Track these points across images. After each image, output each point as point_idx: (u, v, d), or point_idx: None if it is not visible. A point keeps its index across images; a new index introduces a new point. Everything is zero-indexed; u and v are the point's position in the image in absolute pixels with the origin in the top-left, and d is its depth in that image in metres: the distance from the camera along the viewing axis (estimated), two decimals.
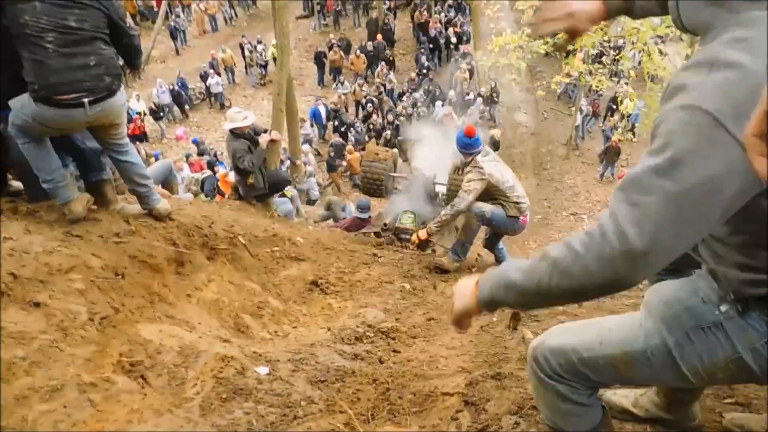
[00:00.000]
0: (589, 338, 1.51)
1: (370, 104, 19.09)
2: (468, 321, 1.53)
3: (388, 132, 17.65)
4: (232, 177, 7.69)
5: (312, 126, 18.96)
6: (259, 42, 22.36)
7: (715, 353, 1.34)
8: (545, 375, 1.53)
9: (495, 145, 17.28)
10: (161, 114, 19.48)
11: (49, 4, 3.02)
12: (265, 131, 6.77)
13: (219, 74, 21.32)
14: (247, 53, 22.17)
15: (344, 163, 16.81)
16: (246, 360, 3.04)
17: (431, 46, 22.07)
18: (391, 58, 22.05)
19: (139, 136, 17.83)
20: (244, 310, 3.88)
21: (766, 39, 1.04)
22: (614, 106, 17.53)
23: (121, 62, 3.55)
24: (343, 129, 18.65)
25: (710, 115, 1.02)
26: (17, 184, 3.86)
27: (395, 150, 9.28)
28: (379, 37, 22.24)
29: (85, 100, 3.18)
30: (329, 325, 3.99)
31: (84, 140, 3.74)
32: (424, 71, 20.71)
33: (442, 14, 23.86)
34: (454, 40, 22.30)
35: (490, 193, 5.20)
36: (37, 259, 2.78)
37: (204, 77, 20.90)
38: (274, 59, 21.00)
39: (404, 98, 19.25)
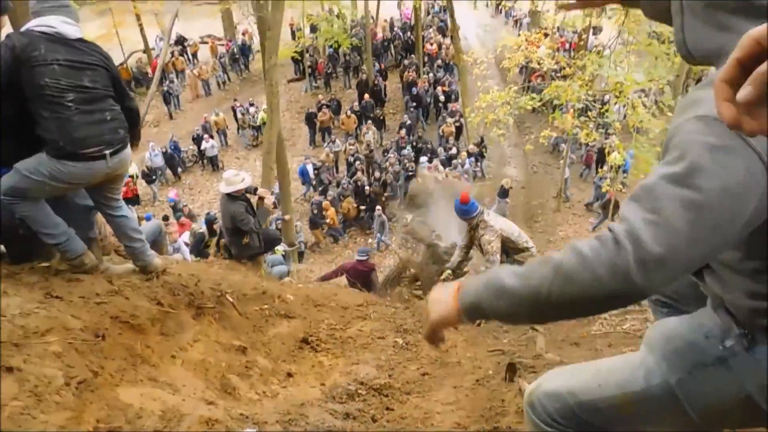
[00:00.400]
0: (587, 380, 1.43)
1: (357, 162, 19.28)
2: (443, 334, 1.36)
3: (367, 188, 17.85)
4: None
5: (303, 184, 19.09)
6: (252, 104, 22.73)
7: (721, 392, 1.26)
8: (542, 421, 1.45)
9: (505, 193, 17.55)
10: (153, 177, 19.57)
11: (66, 66, 3.23)
12: (255, 189, 6.77)
13: (212, 137, 21.54)
14: (239, 115, 22.49)
15: (327, 221, 16.88)
16: (232, 422, 2.91)
17: (414, 104, 22.45)
18: (381, 118, 22.41)
19: (132, 199, 17.84)
20: (231, 371, 3.75)
21: None
22: (604, 158, 17.76)
23: None
24: (321, 188, 18.82)
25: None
26: None
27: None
28: (367, 96, 22.64)
29: (107, 152, 3.36)
30: (320, 383, 3.86)
31: (74, 198, 3.74)
32: (406, 128, 21.03)
33: (431, 74, 24.39)
34: (442, 98, 22.73)
35: (503, 244, 5.69)
36: (12, 321, 2.68)
37: (197, 140, 21.12)
38: (264, 123, 21.43)
39: (390, 154, 19.44)
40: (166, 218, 13.36)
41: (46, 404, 2.39)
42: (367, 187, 17.76)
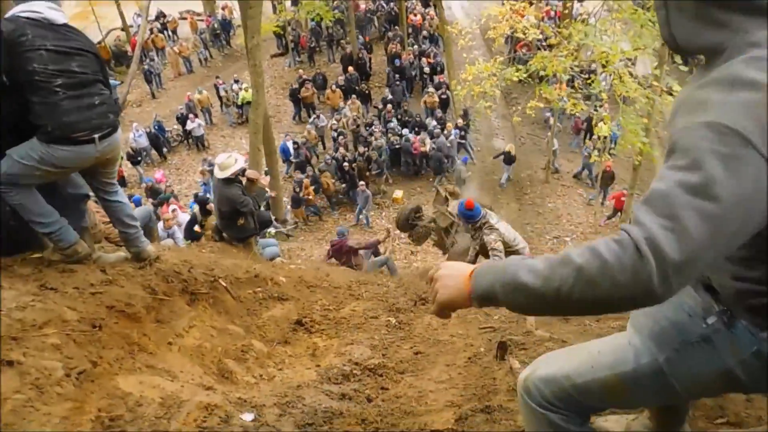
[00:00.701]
0: (580, 364, 1.50)
1: (341, 137, 19.20)
2: (451, 311, 1.39)
3: (346, 164, 17.74)
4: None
5: (284, 162, 18.97)
6: (237, 81, 22.46)
7: (705, 367, 1.35)
8: (538, 405, 1.52)
9: (510, 158, 17.99)
10: (139, 158, 19.37)
11: (54, 52, 3.24)
12: (244, 170, 6.77)
13: (197, 116, 21.31)
14: (222, 93, 22.24)
15: (309, 197, 16.97)
16: (230, 407, 2.95)
17: (397, 76, 22.25)
18: (367, 92, 22.24)
19: (118, 181, 17.64)
20: (227, 355, 3.80)
21: None
22: (592, 128, 17.83)
23: None
24: (299, 165, 18.68)
25: (738, 134, 1.02)
26: None
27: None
28: (351, 69, 22.46)
29: (96, 135, 3.38)
30: (315, 364, 3.92)
31: (64, 187, 3.75)
32: (392, 102, 20.92)
33: (415, 46, 24.19)
34: (427, 70, 22.59)
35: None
36: (9, 315, 2.71)
37: (181, 119, 20.86)
38: (248, 102, 21.23)
39: (374, 128, 19.35)
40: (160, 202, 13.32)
41: (48, 396, 2.43)
42: (345, 163, 17.62)
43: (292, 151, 19.10)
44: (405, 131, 18.96)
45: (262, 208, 7.38)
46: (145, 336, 3.38)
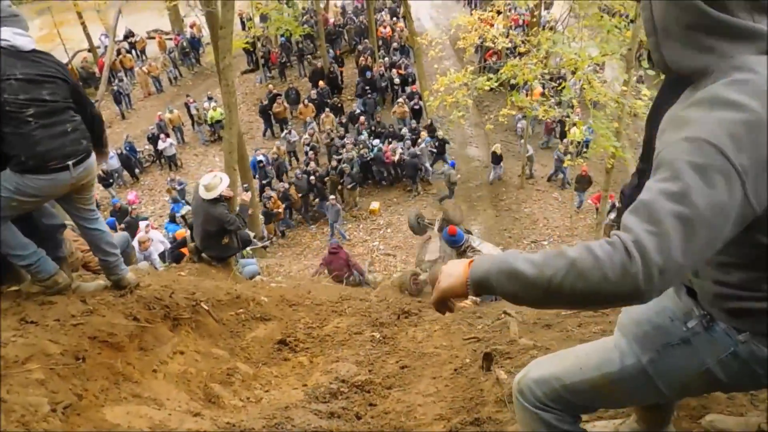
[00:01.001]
0: (569, 365, 1.60)
1: (311, 152, 19.19)
2: (449, 304, 1.47)
3: (312, 177, 17.67)
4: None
5: (254, 178, 18.83)
6: (210, 98, 22.34)
7: (686, 367, 1.45)
8: (531, 405, 1.61)
9: (498, 159, 18.52)
10: (111, 180, 19.13)
11: (24, 81, 3.18)
12: None
13: (168, 135, 21.13)
14: (194, 111, 22.10)
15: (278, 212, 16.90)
16: None
17: (367, 87, 22.35)
18: (339, 105, 22.30)
19: None
20: (213, 379, 3.78)
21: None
22: (562, 129, 18.08)
23: None
24: (264, 182, 18.54)
25: (713, 146, 1.12)
26: None
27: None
28: (322, 83, 22.52)
29: (69, 162, 3.34)
30: (302, 384, 3.91)
31: (40, 218, 3.70)
32: (359, 114, 21.09)
33: (386, 58, 24.34)
34: (397, 81, 22.76)
35: None
36: None
37: (153, 139, 20.67)
38: (217, 121, 21.13)
39: (346, 140, 19.34)
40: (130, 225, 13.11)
41: None
42: (312, 177, 17.52)
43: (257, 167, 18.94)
44: (376, 141, 19.06)
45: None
46: (129, 365, 3.35)
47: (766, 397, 2.37)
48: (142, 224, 12.10)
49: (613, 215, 13.00)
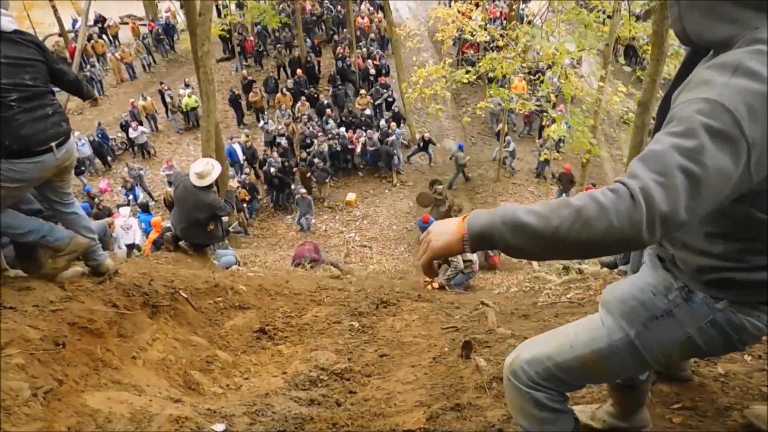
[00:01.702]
0: (560, 344, 1.67)
1: (285, 140, 19.10)
2: (435, 267, 1.45)
3: (273, 169, 17.56)
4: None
5: (231, 165, 18.71)
6: (187, 86, 22.06)
7: (670, 337, 1.54)
8: (525, 385, 1.67)
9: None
10: (82, 168, 18.77)
11: (7, 65, 3.17)
12: None
13: (141, 123, 20.82)
14: (168, 99, 21.81)
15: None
16: (201, 419, 2.95)
17: (338, 77, 22.44)
18: (316, 95, 22.20)
19: None
20: (192, 367, 3.78)
21: None
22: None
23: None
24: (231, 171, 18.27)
25: (730, 114, 1.15)
26: None
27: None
28: (299, 72, 22.43)
29: (53, 144, 3.35)
30: (281, 372, 3.93)
31: (19, 205, 3.66)
32: (325, 104, 21.13)
33: (363, 49, 24.28)
34: (373, 71, 22.81)
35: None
36: None
37: (124, 127, 20.35)
38: (192, 109, 20.89)
39: (313, 129, 19.28)
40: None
41: (17, 417, 2.39)
42: (272, 169, 17.38)
43: (240, 154, 18.84)
44: (342, 130, 19.10)
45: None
46: (108, 351, 3.34)
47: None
48: (123, 210, 11.95)
49: None
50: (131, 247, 10.54)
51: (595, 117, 12.37)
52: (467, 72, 13.29)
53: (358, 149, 18.86)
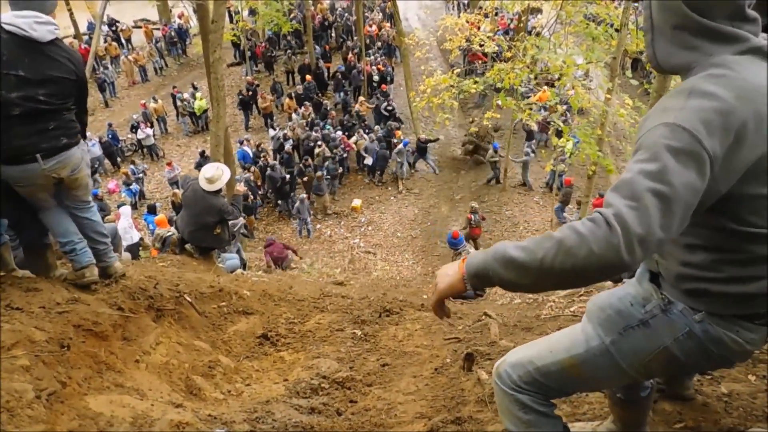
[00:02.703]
0: (542, 349, 1.74)
1: (290, 145, 19.14)
2: (446, 308, 1.61)
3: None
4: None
5: (243, 169, 18.81)
6: (195, 88, 22.21)
7: (646, 346, 1.59)
8: (509, 388, 1.73)
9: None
10: (94, 167, 18.89)
11: (23, 79, 3.18)
12: None
13: (152, 124, 20.96)
14: (179, 102, 21.95)
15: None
16: (201, 424, 2.97)
17: (344, 81, 22.73)
18: (322, 101, 22.33)
19: None
20: (194, 371, 3.80)
21: (741, 78, 1.33)
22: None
23: None
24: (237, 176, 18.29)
25: (688, 132, 1.28)
26: None
27: None
28: (309, 78, 22.61)
29: (38, 155, 3.33)
30: (283, 379, 3.94)
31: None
32: (328, 108, 21.40)
33: (372, 57, 24.43)
34: (376, 78, 23.00)
35: None
36: None
37: (135, 129, 20.50)
38: (203, 112, 21.02)
39: (315, 134, 19.45)
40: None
41: (19, 419, 2.41)
42: (278, 179, 17.40)
43: (251, 155, 18.94)
44: (339, 134, 19.28)
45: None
46: (112, 354, 3.36)
47: None
48: (124, 210, 11.96)
49: None
50: (133, 248, 10.54)
51: (602, 128, 12.36)
52: (475, 82, 13.31)
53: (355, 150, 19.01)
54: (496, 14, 23.31)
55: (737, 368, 3.11)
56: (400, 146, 18.61)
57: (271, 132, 20.38)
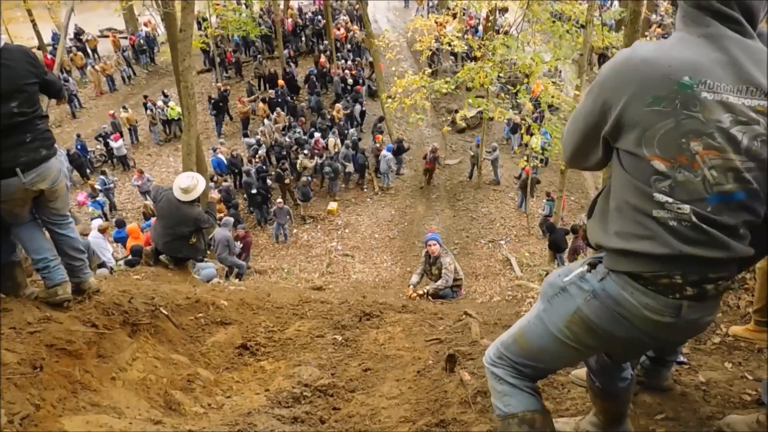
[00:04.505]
0: (510, 328, 1.97)
1: (263, 151, 19.13)
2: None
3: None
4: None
5: (220, 175, 18.70)
6: (166, 96, 21.98)
7: (564, 311, 1.75)
8: (487, 363, 1.98)
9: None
10: None
11: None
12: None
13: (122, 134, 20.68)
14: (149, 112, 21.69)
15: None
16: None
17: (317, 83, 22.86)
18: (294, 105, 22.29)
19: None
20: (173, 386, 3.72)
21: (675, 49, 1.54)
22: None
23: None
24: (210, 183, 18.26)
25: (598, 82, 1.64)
26: None
27: None
28: (280, 83, 22.56)
29: (17, 168, 3.27)
30: (264, 389, 3.89)
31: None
32: (299, 113, 21.56)
33: (342, 61, 24.50)
34: (350, 81, 23.12)
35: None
36: None
37: (103, 138, 20.20)
38: (175, 119, 20.84)
39: (286, 138, 19.55)
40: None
41: None
42: (253, 189, 17.39)
43: (226, 162, 18.83)
44: (317, 135, 19.39)
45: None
46: (87, 373, 3.28)
47: None
48: (94, 223, 11.74)
49: (584, 216, 13.29)
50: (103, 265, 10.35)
51: None
52: (446, 82, 13.36)
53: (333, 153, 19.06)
54: (464, 14, 23.47)
55: (713, 356, 3.16)
56: (384, 152, 18.65)
57: (245, 140, 20.27)
